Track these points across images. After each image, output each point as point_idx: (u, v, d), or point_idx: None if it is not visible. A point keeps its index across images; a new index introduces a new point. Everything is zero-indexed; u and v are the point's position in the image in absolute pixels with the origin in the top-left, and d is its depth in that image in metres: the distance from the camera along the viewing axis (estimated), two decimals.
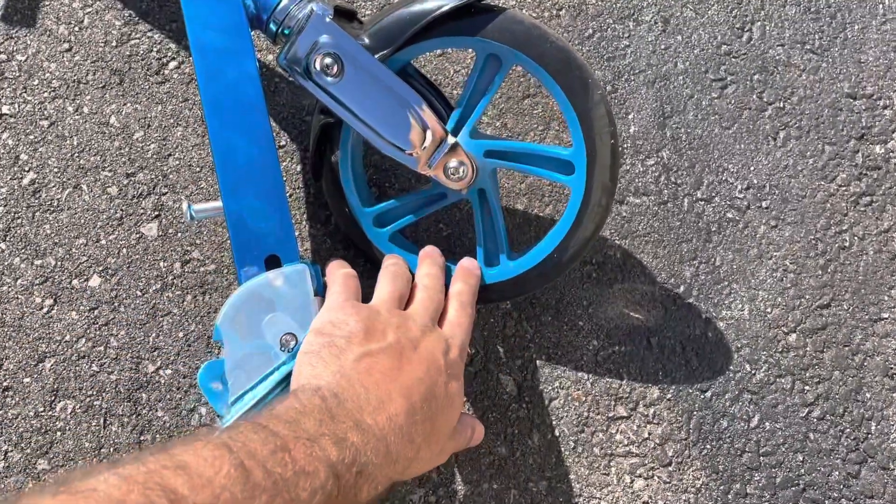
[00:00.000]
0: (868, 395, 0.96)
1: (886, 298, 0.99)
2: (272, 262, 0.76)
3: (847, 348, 0.97)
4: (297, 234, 0.84)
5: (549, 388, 0.91)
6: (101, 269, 0.88)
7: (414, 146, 0.79)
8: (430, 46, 0.80)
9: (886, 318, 0.99)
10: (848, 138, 1.05)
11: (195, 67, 0.76)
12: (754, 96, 1.05)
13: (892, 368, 0.97)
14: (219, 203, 0.77)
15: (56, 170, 0.90)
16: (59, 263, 0.88)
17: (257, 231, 0.76)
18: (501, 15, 0.77)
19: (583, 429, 0.91)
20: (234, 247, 0.76)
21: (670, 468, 0.91)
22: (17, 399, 0.84)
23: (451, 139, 0.80)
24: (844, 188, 1.03)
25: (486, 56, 0.79)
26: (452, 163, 0.80)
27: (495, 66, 0.80)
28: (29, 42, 0.94)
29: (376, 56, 0.78)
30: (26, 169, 0.90)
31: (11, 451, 0.82)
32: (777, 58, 1.07)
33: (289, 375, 0.71)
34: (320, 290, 0.76)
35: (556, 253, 0.83)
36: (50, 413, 0.84)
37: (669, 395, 0.93)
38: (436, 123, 0.79)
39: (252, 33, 0.78)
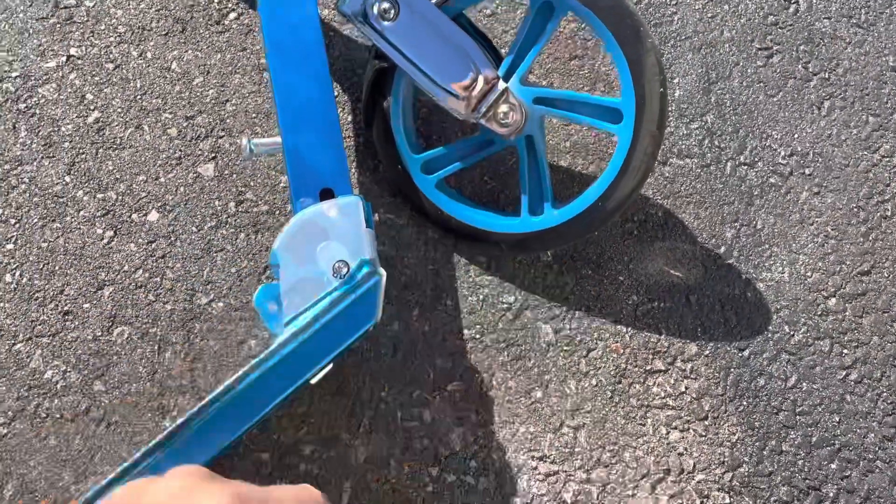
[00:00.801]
0: None
1: None
2: (326, 195, 0.79)
3: (886, 315, 0.98)
4: None
5: (588, 338, 0.93)
6: (159, 204, 0.92)
7: (466, 90, 0.82)
8: None
9: None
10: (892, 110, 1.06)
11: (259, 9, 0.80)
12: (800, 66, 1.06)
13: None
14: (278, 139, 0.81)
15: (119, 110, 0.94)
16: (119, 198, 0.92)
17: (313, 165, 0.79)
18: None
19: (620, 380, 0.92)
20: (290, 179, 0.79)
21: (706, 422, 0.92)
22: (77, 323, 0.88)
23: (501, 84, 0.82)
24: (888, 159, 1.04)
25: (540, 4, 0.82)
26: (502, 108, 0.83)
27: (547, 15, 0.83)
28: None
29: (433, 1, 0.81)
30: (91, 108, 0.94)
31: (70, 371, 0.86)
32: (823, 30, 1.08)
33: (339, 299, 0.74)
34: (370, 223, 0.78)
35: (601, 201, 0.85)
36: (107, 338, 0.87)
37: (707, 352, 0.94)
38: (488, 68, 0.81)
39: None
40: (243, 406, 0.74)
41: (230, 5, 1.00)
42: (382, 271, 0.77)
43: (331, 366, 0.78)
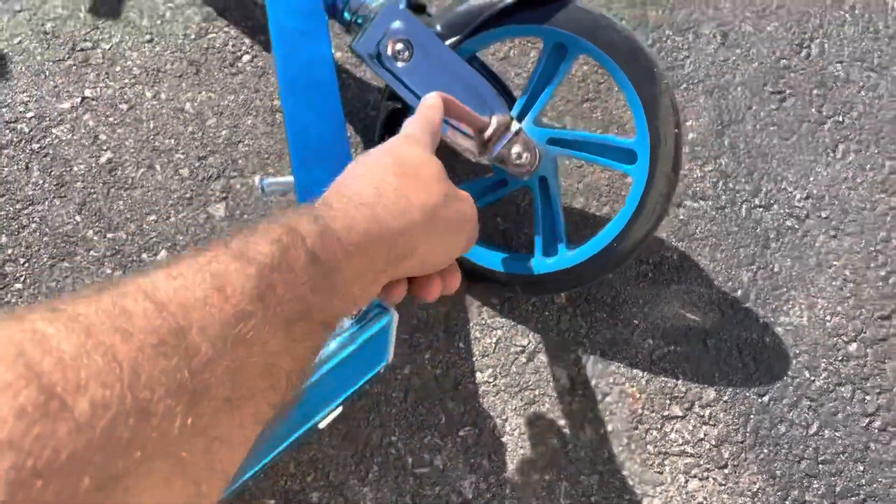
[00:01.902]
0: None
1: None
2: None
3: None
4: None
5: (603, 383, 0.92)
6: (169, 245, 0.92)
7: (479, 131, 0.82)
8: (500, 35, 0.84)
9: None
10: None
11: (273, 48, 0.81)
12: (813, 109, 1.07)
13: None
14: (290, 178, 0.80)
15: (132, 150, 0.95)
16: (129, 238, 0.91)
17: None
18: (569, 5, 0.81)
19: (636, 426, 0.90)
20: None
21: (726, 470, 0.90)
22: None
23: (515, 125, 0.82)
24: None
25: (553, 45, 0.83)
26: (516, 148, 0.83)
27: (561, 55, 0.83)
28: (113, 32, 1.00)
29: (447, 42, 0.82)
30: (104, 148, 0.95)
31: None
32: (836, 74, 1.09)
33: (350, 339, 0.73)
34: None
35: (615, 242, 0.84)
36: None
37: (726, 398, 0.92)
38: (501, 109, 0.82)
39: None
40: (253, 449, 0.73)
41: (244, 48, 1.01)
42: (394, 312, 0.75)
43: (340, 409, 0.76)
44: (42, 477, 0.20)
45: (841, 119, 1.07)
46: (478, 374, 0.91)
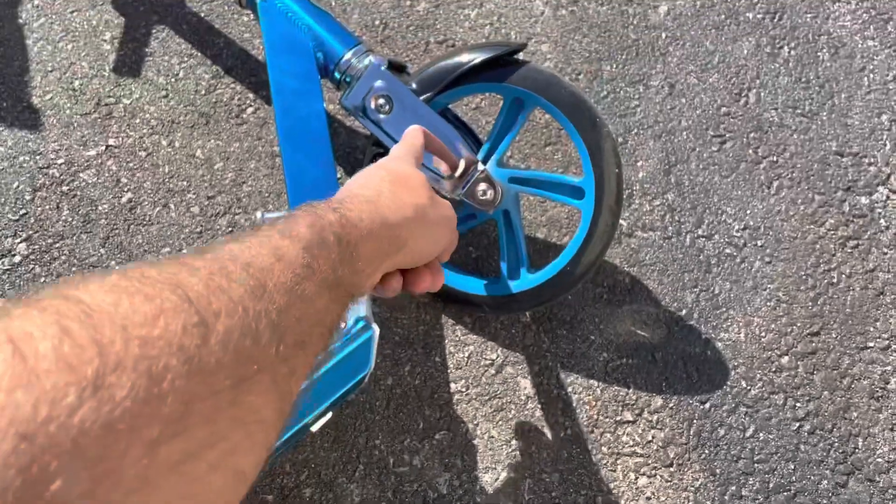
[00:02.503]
0: (855, 415, 1.07)
1: (872, 329, 1.11)
2: None
3: (836, 371, 1.09)
4: None
5: (563, 392, 1.04)
6: None
7: (450, 172, 0.96)
8: (466, 91, 0.99)
9: (872, 347, 1.10)
10: (836, 189, 1.20)
11: (274, 104, 0.95)
12: (750, 151, 1.21)
13: (877, 392, 1.08)
14: (286, 212, 0.94)
15: (149, 191, 1.09)
16: None
17: None
18: (524, 66, 0.96)
19: (592, 429, 1.03)
20: None
21: (671, 468, 1.02)
22: None
23: (481, 166, 0.96)
24: (833, 232, 1.17)
25: (512, 99, 0.97)
26: (481, 186, 0.97)
27: (519, 107, 0.98)
28: (133, 89, 1.15)
29: (421, 98, 0.96)
30: (125, 190, 1.09)
31: None
32: (771, 119, 1.24)
33: (337, 350, 0.86)
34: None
35: (569, 266, 0.97)
36: None
37: (672, 405, 1.05)
38: (469, 153, 0.96)
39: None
40: None
41: (248, 101, 1.16)
42: (376, 327, 0.88)
43: (330, 415, 0.89)
44: (199, 374, 0.26)
45: (775, 159, 1.21)
46: (452, 385, 1.03)
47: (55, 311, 0.24)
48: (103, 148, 1.11)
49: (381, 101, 0.95)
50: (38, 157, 1.10)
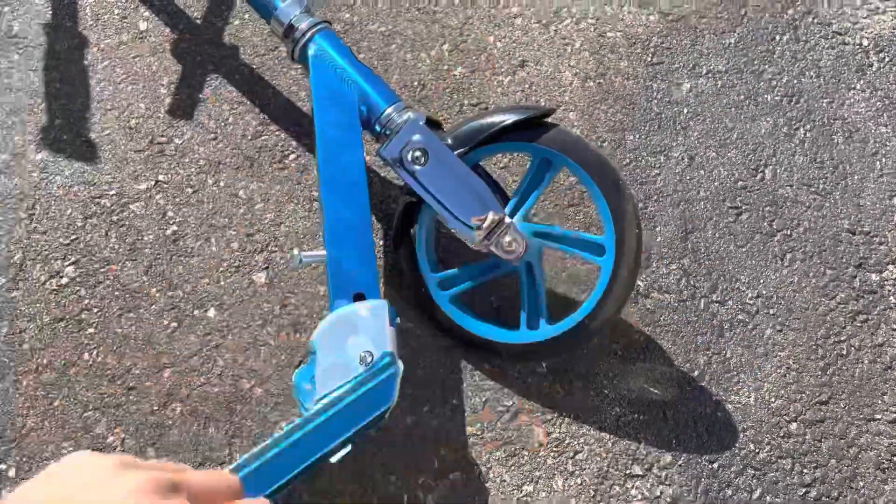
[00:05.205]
0: (861, 484, 1.10)
1: (880, 402, 1.15)
2: (359, 298, 0.98)
3: (843, 441, 1.12)
4: None
5: (575, 442, 1.08)
6: (217, 303, 1.12)
7: (478, 224, 1.03)
8: (498, 149, 1.06)
9: (879, 419, 1.14)
10: (847, 265, 1.25)
11: (317, 151, 1.03)
12: (765, 224, 1.27)
13: (884, 463, 1.11)
14: (323, 252, 1.01)
15: (193, 225, 1.17)
16: (185, 296, 1.12)
17: (350, 273, 0.99)
18: (553, 129, 1.03)
19: (602, 480, 1.06)
20: (330, 283, 0.99)
21: None
22: (139, 398, 1.05)
23: (507, 220, 1.03)
24: (843, 306, 1.22)
25: (541, 158, 1.05)
26: (507, 238, 1.03)
27: (546, 167, 1.05)
28: (185, 130, 1.24)
29: (455, 153, 1.04)
30: (171, 223, 1.16)
31: (128, 438, 1.03)
32: (786, 195, 1.30)
33: (362, 382, 0.91)
34: (394, 323, 0.97)
35: (587, 319, 1.03)
36: (163, 412, 1.04)
37: (681, 462, 1.09)
38: (497, 207, 1.03)
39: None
40: (271, 471, 0.89)
41: (290, 148, 1.24)
42: (401, 364, 0.94)
43: (349, 448, 0.93)
44: None
45: (789, 233, 1.27)
46: (468, 428, 1.08)
47: None
48: (153, 183, 1.19)
49: (418, 153, 1.03)
50: (91, 188, 1.18)
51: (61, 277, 1.12)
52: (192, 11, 1.33)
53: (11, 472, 1.01)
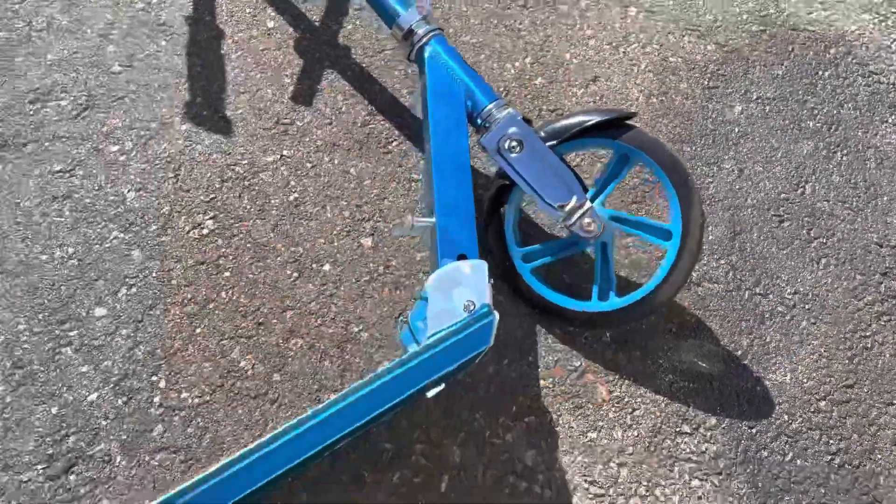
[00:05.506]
0: (879, 457, 1.26)
1: None
2: (462, 258, 1.16)
3: (865, 419, 1.29)
4: None
5: (633, 401, 1.25)
6: (331, 260, 1.30)
7: (563, 206, 1.21)
8: (582, 144, 1.25)
9: None
10: (874, 272, 1.43)
11: (431, 140, 1.21)
12: (804, 231, 1.45)
13: None
14: (432, 219, 1.19)
15: (312, 194, 1.36)
16: (305, 252, 1.30)
17: (455, 238, 1.17)
18: (633, 129, 1.22)
19: (656, 434, 1.23)
20: (439, 246, 1.17)
21: (720, 476, 1.21)
22: (267, 331, 1.23)
23: (588, 204, 1.21)
24: (870, 307, 1.39)
25: (620, 154, 1.23)
26: (587, 220, 1.21)
27: (624, 162, 1.23)
28: (305, 115, 1.43)
29: (546, 144, 1.22)
30: (293, 191, 1.36)
31: (258, 364, 1.21)
32: (823, 209, 1.48)
33: (466, 325, 1.09)
34: (490, 280, 1.15)
35: (652, 294, 1.21)
36: (286, 345, 1.22)
37: (724, 425, 1.25)
38: (580, 192, 1.21)
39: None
40: (381, 395, 1.06)
41: (394, 136, 1.43)
42: (496, 313, 1.12)
43: (443, 386, 1.11)
44: None
45: (825, 241, 1.45)
46: (541, 381, 1.25)
47: None
48: (279, 156, 1.39)
49: (514, 143, 1.22)
50: (227, 157, 1.37)
51: (202, 228, 1.31)
52: (311, 15, 1.54)
53: (162, 384, 1.19)
